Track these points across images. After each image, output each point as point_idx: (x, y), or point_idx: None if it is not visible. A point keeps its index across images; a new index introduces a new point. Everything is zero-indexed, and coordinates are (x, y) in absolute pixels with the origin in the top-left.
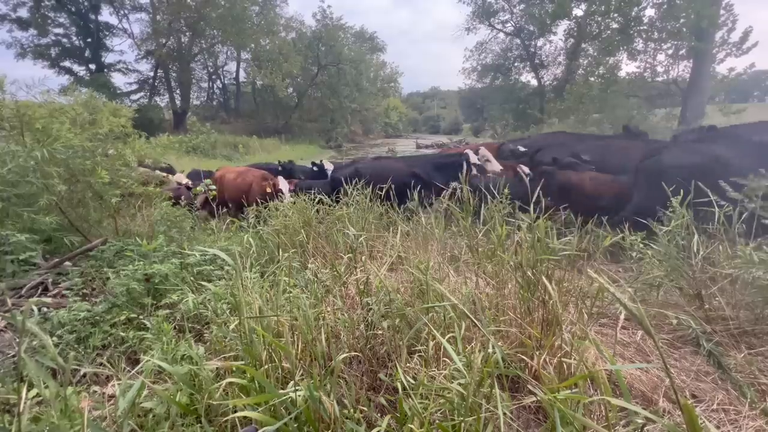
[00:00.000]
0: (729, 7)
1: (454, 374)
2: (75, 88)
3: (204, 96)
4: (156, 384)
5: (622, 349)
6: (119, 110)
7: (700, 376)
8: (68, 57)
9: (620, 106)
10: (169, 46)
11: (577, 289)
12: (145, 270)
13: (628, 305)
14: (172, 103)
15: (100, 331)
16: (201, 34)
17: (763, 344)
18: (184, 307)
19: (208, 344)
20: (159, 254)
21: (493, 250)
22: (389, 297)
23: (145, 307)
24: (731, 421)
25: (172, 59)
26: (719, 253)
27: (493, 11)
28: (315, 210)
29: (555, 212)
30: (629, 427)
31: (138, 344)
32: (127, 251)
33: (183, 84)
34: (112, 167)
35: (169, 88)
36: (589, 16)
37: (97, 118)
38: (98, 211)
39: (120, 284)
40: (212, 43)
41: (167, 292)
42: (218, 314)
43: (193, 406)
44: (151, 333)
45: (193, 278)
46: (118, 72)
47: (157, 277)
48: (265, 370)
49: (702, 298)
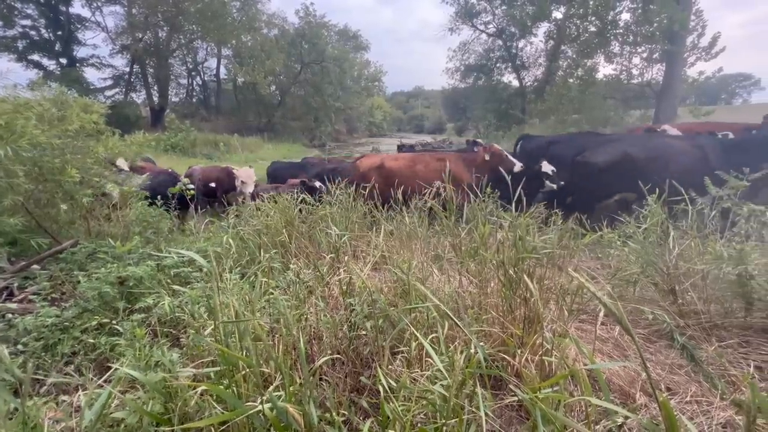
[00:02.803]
0: (699, 13)
1: (437, 375)
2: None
3: (183, 93)
4: (129, 392)
5: (601, 345)
6: (91, 106)
7: (674, 369)
8: (37, 50)
9: (598, 107)
10: (145, 40)
11: (557, 286)
12: (118, 272)
13: (607, 303)
14: (149, 99)
15: (70, 337)
16: (179, 29)
17: (733, 337)
18: (160, 311)
19: (184, 349)
20: (134, 256)
21: (476, 249)
22: (372, 297)
23: (118, 312)
24: (704, 412)
25: (149, 54)
26: (692, 249)
27: (475, 12)
28: (298, 209)
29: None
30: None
31: (110, 351)
32: (99, 253)
33: (161, 80)
34: (84, 166)
35: (146, 84)
36: (568, 19)
37: (66, 114)
38: (69, 212)
39: (91, 288)
40: (191, 39)
41: (142, 296)
42: (195, 318)
43: (167, 415)
44: (124, 339)
45: (171, 281)
46: (91, 67)
47: (131, 280)
48: (242, 375)
49: (676, 294)
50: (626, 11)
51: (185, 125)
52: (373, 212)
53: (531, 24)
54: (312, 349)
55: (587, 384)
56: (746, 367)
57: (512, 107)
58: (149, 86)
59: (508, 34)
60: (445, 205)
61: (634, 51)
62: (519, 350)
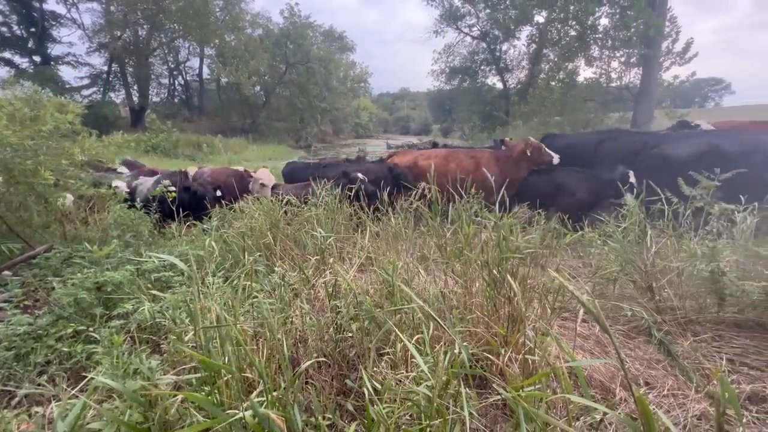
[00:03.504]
0: (673, 20)
1: (423, 376)
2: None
3: (164, 93)
4: (107, 402)
5: (583, 342)
6: (66, 106)
7: (652, 364)
8: (8, 47)
9: (579, 110)
10: (124, 39)
11: (540, 285)
12: (96, 278)
13: (586, 303)
14: (128, 99)
15: (44, 346)
16: (160, 28)
17: (707, 331)
18: (140, 317)
19: (165, 356)
20: (113, 261)
21: (461, 249)
22: (357, 299)
23: (95, 319)
24: (680, 405)
25: (128, 53)
26: (668, 247)
27: (459, 15)
28: (283, 211)
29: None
30: (588, 419)
31: (86, 359)
32: (76, 258)
33: (141, 80)
34: (58, 167)
35: (126, 83)
36: (550, 23)
37: (40, 114)
38: (43, 215)
39: (67, 294)
40: (173, 38)
41: (121, 302)
42: (177, 323)
43: (146, 424)
44: (101, 346)
45: (151, 285)
46: (66, 65)
47: (109, 286)
48: (224, 382)
49: (653, 291)
50: (605, 16)
51: (167, 126)
52: (358, 213)
53: (514, 27)
54: (297, 352)
55: (567, 381)
56: (719, 360)
57: (496, 109)
58: (129, 86)
59: (492, 37)
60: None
61: (613, 55)
62: (503, 349)
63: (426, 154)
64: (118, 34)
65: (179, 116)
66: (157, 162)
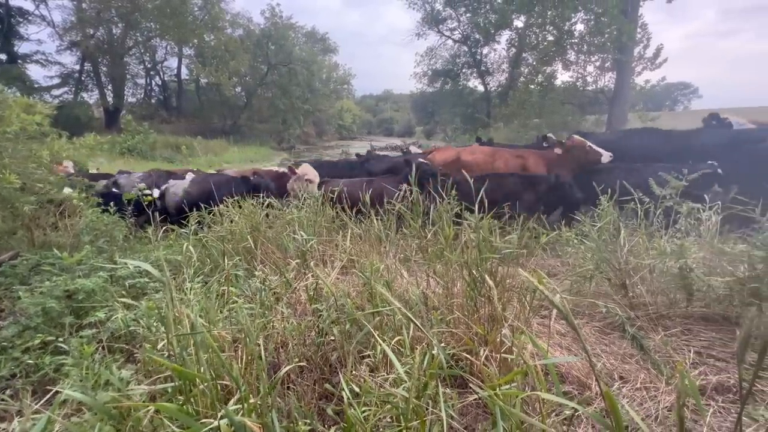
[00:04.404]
0: (644, 26)
1: (402, 378)
2: None
3: (141, 93)
4: (76, 416)
5: (560, 339)
6: (33, 106)
7: (626, 358)
8: None
9: (557, 113)
10: (98, 37)
11: (519, 284)
12: (66, 286)
13: (556, 303)
14: (102, 99)
15: (9, 358)
16: (135, 26)
17: (676, 325)
18: (113, 326)
19: (139, 365)
20: (84, 268)
21: (442, 250)
22: (338, 303)
23: (65, 328)
24: (651, 397)
25: (102, 52)
26: (640, 245)
27: (441, 18)
28: (264, 214)
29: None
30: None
31: (54, 371)
32: (44, 265)
33: (115, 79)
34: (25, 171)
35: (99, 83)
36: (528, 28)
37: (5, 114)
38: (8, 221)
39: (34, 303)
40: (149, 37)
41: (93, 310)
42: (152, 331)
43: None
44: (71, 357)
45: (126, 292)
46: (35, 64)
47: (81, 293)
48: (200, 390)
49: (626, 288)
50: (580, 22)
51: (143, 127)
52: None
53: (494, 32)
54: (278, 357)
55: (541, 379)
56: (688, 353)
57: (478, 111)
58: (103, 86)
59: (473, 40)
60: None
61: (588, 60)
62: (482, 349)
63: (470, 149)
64: (91, 32)
65: (156, 117)
66: (134, 164)
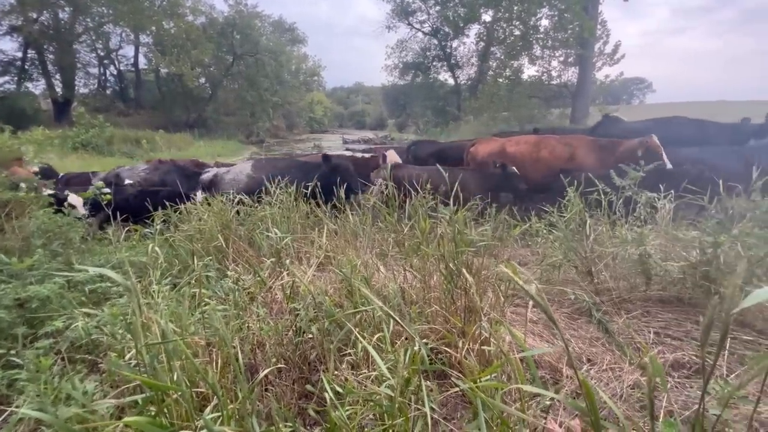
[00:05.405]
0: (603, 23)
1: (385, 375)
2: None
3: (94, 83)
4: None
5: (533, 326)
6: None
7: (593, 342)
8: None
9: (524, 106)
10: (42, 22)
11: (494, 275)
12: (16, 293)
13: (535, 296)
14: (50, 90)
15: None
16: (85, 11)
17: (637, 308)
18: (72, 335)
19: (104, 376)
20: (37, 273)
21: (419, 244)
22: (316, 301)
23: (17, 340)
24: (617, 377)
25: (48, 38)
26: (603, 234)
27: (411, 11)
28: (235, 211)
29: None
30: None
31: (7, 388)
32: None
33: (64, 68)
34: None
35: (46, 72)
36: (496, 22)
37: None
38: None
39: None
40: (101, 23)
41: (50, 319)
42: (117, 339)
43: None
44: (26, 371)
45: (86, 299)
46: None
47: (34, 302)
48: (173, 400)
49: (592, 274)
50: (545, 18)
51: (98, 120)
52: (315, 211)
53: (463, 25)
54: (255, 358)
55: (520, 370)
56: (648, 333)
57: (449, 104)
58: (50, 75)
59: (443, 33)
60: (388, 203)
61: (553, 55)
62: (461, 341)
63: (514, 140)
64: (34, 16)
65: (113, 109)
66: (89, 160)
